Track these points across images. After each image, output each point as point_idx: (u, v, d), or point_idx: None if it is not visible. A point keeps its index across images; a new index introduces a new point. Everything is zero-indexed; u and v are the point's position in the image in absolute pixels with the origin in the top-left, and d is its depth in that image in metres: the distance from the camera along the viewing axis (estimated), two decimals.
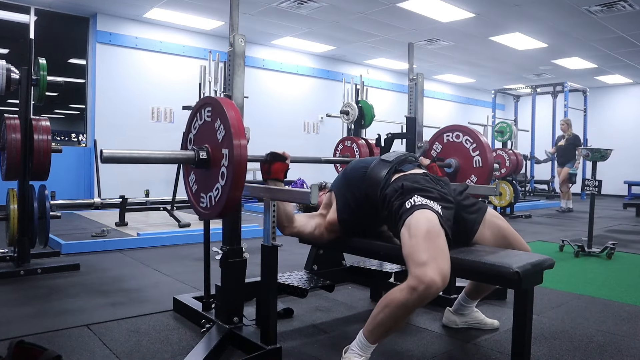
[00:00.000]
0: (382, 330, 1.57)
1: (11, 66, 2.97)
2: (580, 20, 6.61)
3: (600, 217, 6.85)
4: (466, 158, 2.66)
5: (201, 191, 1.78)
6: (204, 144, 1.74)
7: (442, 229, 1.62)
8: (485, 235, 1.87)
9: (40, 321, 2.20)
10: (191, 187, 1.87)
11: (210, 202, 1.71)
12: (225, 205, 1.61)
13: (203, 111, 1.79)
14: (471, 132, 2.68)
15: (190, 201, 1.86)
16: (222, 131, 1.63)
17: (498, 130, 7.50)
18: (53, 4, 6.49)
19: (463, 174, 2.66)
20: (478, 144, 2.63)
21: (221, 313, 2.02)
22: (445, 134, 2.77)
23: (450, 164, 2.68)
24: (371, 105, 5.29)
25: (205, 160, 1.71)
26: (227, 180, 1.59)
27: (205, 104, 1.78)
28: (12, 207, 3.00)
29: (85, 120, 7.18)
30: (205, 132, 1.76)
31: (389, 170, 1.87)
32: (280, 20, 7.05)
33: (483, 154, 2.61)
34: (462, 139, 2.68)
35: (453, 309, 2.21)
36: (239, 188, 1.60)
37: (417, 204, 1.67)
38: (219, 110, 1.67)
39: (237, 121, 1.62)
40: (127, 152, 1.61)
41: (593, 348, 1.98)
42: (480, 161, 2.61)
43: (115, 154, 1.55)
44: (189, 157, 1.72)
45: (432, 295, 1.47)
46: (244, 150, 1.59)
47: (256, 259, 1.89)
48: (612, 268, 3.55)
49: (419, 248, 1.54)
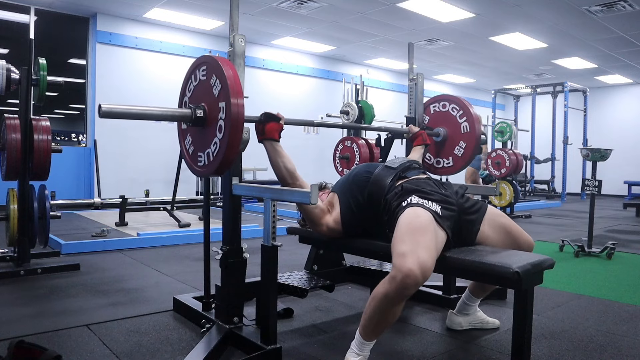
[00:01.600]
0: (372, 325, 1.58)
1: (11, 66, 2.97)
2: (580, 20, 6.61)
3: (600, 217, 6.85)
4: (454, 125, 2.67)
5: (198, 150, 1.78)
6: (200, 103, 1.74)
7: (436, 227, 1.63)
8: (488, 233, 1.87)
9: (40, 321, 2.19)
10: (187, 149, 1.87)
11: (208, 158, 1.71)
12: (224, 157, 1.61)
13: (198, 71, 1.78)
14: (457, 100, 2.69)
15: (188, 163, 1.86)
16: (218, 86, 1.63)
17: (498, 130, 7.50)
18: (53, 4, 6.49)
19: (452, 141, 2.68)
20: (464, 110, 2.64)
21: (221, 313, 2.02)
22: (432, 105, 2.78)
23: (438, 133, 2.70)
24: (371, 105, 5.29)
25: (202, 117, 1.70)
26: (225, 132, 1.59)
27: (200, 63, 1.77)
28: (12, 207, 3.00)
29: (85, 120, 7.18)
30: (200, 92, 1.76)
31: (393, 177, 1.89)
32: (280, 20, 7.05)
33: (470, 120, 2.62)
34: (449, 107, 2.70)
35: (457, 310, 2.19)
36: (237, 140, 1.59)
37: (412, 202, 1.70)
38: (215, 67, 1.66)
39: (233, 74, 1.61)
40: (125, 107, 1.61)
41: (593, 348, 1.98)
42: (468, 127, 2.62)
43: (113, 108, 1.55)
44: (185, 114, 1.72)
45: (410, 286, 1.47)
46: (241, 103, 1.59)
47: (256, 259, 1.89)
48: (612, 268, 3.55)
49: (402, 239, 1.56)
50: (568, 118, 9.87)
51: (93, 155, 6.47)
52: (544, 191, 10.84)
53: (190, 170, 1.86)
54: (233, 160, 1.66)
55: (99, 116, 1.55)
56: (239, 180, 1.98)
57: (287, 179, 1.92)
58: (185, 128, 1.90)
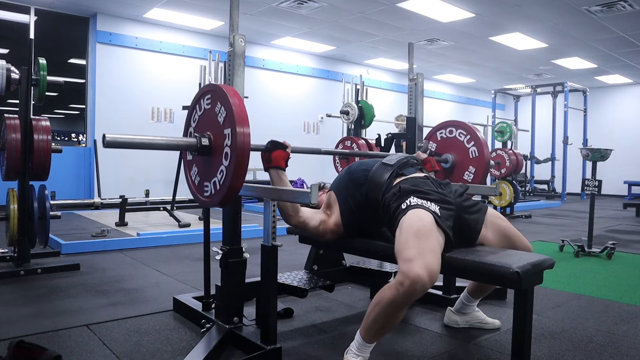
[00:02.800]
0: (375, 329, 1.57)
1: (11, 66, 2.97)
2: (580, 20, 6.61)
3: (600, 217, 6.85)
4: (462, 151, 2.67)
5: (204, 180, 1.76)
6: (205, 132, 1.73)
7: (438, 229, 1.62)
8: (487, 235, 1.87)
9: (40, 321, 2.19)
10: (194, 180, 1.85)
11: (214, 187, 1.68)
12: (231, 185, 1.59)
13: (202, 101, 1.77)
14: (463, 125, 2.69)
15: (194, 194, 1.83)
16: (223, 113, 1.62)
17: (498, 130, 7.50)
18: (53, 4, 6.49)
19: (461, 167, 2.67)
20: (472, 135, 2.64)
21: (221, 313, 2.02)
22: (438, 132, 2.78)
23: (447, 159, 2.69)
24: (371, 105, 5.29)
25: (207, 146, 1.68)
26: (232, 161, 1.56)
27: (205, 92, 1.76)
28: (12, 207, 3.00)
29: (85, 120, 7.18)
30: (205, 121, 1.75)
31: (390, 174, 1.87)
32: (280, 20, 7.05)
33: (478, 144, 2.62)
34: (456, 133, 2.70)
35: (455, 309, 2.21)
36: (244, 166, 1.57)
37: (412, 204, 1.68)
38: (220, 94, 1.65)
39: (238, 102, 1.60)
40: (130, 138, 1.59)
41: (593, 348, 1.98)
42: (476, 151, 2.62)
43: (118, 138, 1.53)
44: (190, 143, 1.70)
45: (418, 292, 1.47)
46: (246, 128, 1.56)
47: (256, 259, 1.89)
48: (612, 268, 3.55)
49: (408, 245, 1.55)
50: (568, 118, 9.87)
51: (93, 155, 6.46)
52: (544, 191, 10.83)
53: (197, 201, 1.82)
54: (239, 187, 1.62)
55: (102, 146, 1.51)
56: None
57: (290, 211, 1.87)
58: (191, 159, 1.86)
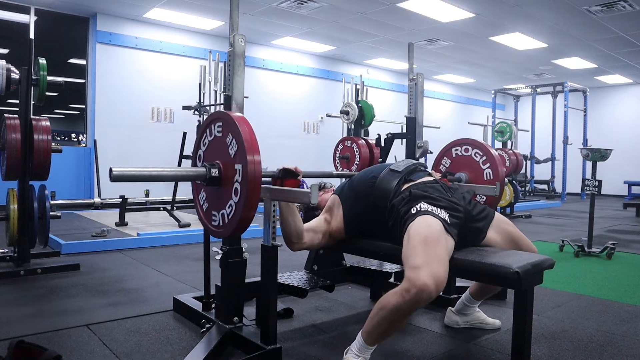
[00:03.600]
0: (378, 333, 1.57)
1: (11, 66, 2.97)
2: (580, 20, 6.61)
3: (600, 217, 6.85)
4: (476, 171, 2.61)
5: (212, 209, 1.73)
6: (215, 160, 1.70)
7: (446, 236, 1.62)
8: (493, 238, 1.87)
9: (40, 321, 2.19)
10: (201, 205, 1.82)
11: (223, 219, 1.66)
12: (240, 221, 1.57)
13: (213, 127, 1.73)
14: (480, 145, 2.63)
15: (201, 219, 1.81)
16: (235, 146, 1.59)
17: (498, 130, 7.50)
18: (53, 4, 6.49)
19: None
20: (488, 156, 2.57)
21: (221, 313, 2.02)
22: (454, 149, 2.71)
23: (460, 178, 2.63)
24: (371, 105, 5.30)
25: (217, 177, 1.66)
26: (241, 197, 1.54)
27: (215, 119, 1.73)
28: (12, 207, 3.00)
29: (85, 120, 7.18)
30: (215, 148, 1.72)
31: (399, 180, 1.86)
32: (280, 20, 7.05)
33: (494, 166, 2.55)
34: (472, 152, 2.63)
35: (455, 309, 2.20)
36: (253, 204, 1.55)
37: (422, 210, 1.67)
38: (231, 125, 1.62)
39: (250, 135, 1.57)
40: (137, 170, 1.57)
41: (593, 348, 1.98)
42: (492, 174, 2.55)
43: (125, 172, 1.50)
44: (200, 174, 1.67)
45: (424, 300, 1.46)
46: (258, 166, 1.53)
47: (256, 259, 1.88)
48: (612, 268, 3.55)
49: (415, 252, 1.54)
50: (568, 118, 9.87)
51: (93, 155, 6.46)
52: (544, 191, 10.83)
53: (205, 228, 1.80)
54: (250, 221, 1.60)
55: (110, 180, 1.49)
56: None
57: (293, 238, 1.86)
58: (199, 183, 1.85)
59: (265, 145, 2.93)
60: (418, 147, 2.79)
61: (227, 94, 1.99)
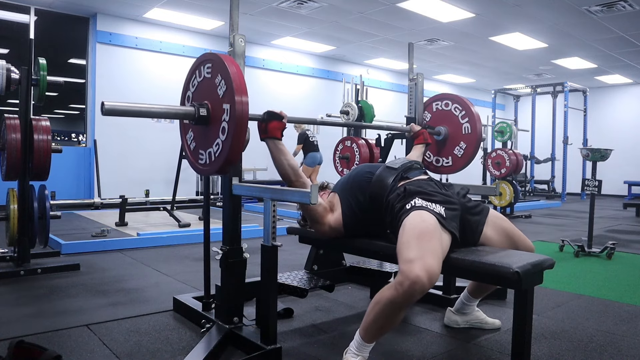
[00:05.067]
0: (375, 329, 1.57)
1: (11, 66, 2.97)
2: (580, 20, 6.61)
3: (600, 217, 6.85)
4: (455, 125, 2.68)
5: (200, 147, 1.78)
6: (203, 100, 1.73)
7: (442, 230, 1.63)
8: (490, 236, 1.87)
9: (40, 321, 2.19)
10: (189, 144, 1.87)
11: (209, 157, 1.71)
12: (226, 159, 1.62)
13: (202, 68, 1.77)
14: (460, 100, 2.70)
15: (189, 159, 1.86)
16: (223, 87, 1.63)
17: (498, 130, 7.50)
18: (53, 4, 6.49)
19: (452, 141, 2.69)
20: (467, 111, 2.65)
21: (221, 313, 2.02)
22: (435, 103, 2.79)
23: (439, 132, 2.71)
24: (371, 105, 5.28)
25: (205, 117, 1.70)
26: (228, 135, 1.59)
27: (205, 60, 1.76)
28: (12, 207, 3.00)
29: (85, 120, 7.18)
30: (204, 89, 1.75)
31: (395, 177, 1.89)
32: (280, 20, 7.05)
33: (472, 121, 2.63)
34: (451, 107, 2.71)
35: (455, 309, 2.21)
36: (240, 143, 1.60)
37: (416, 205, 1.69)
38: (220, 66, 1.65)
39: (239, 77, 1.61)
40: (128, 105, 1.62)
41: (593, 348, 1.98)
42: (470, 128, 2.63)
43: (116, 106, 1.56)
44: (188, 112, 1.71)
45: (417, 292, 1.47)
46: (245, 106, 1.59)
47: (256, 259, 1.88)
48: (612, 268, 3.55)
49: (409, 245, 1.55)
50: (568, 118, 9.87)
51: (93, 155, 6.47)
52: (544, 191, 10.83)
53: (192, 166, 1.87)
54: (236, 161, 1.67)
55: (101, 113, 1.55)
56: (239, 180, 1.98)
57: (291, 176, 1.93)
58: (187, 123, 1.89)
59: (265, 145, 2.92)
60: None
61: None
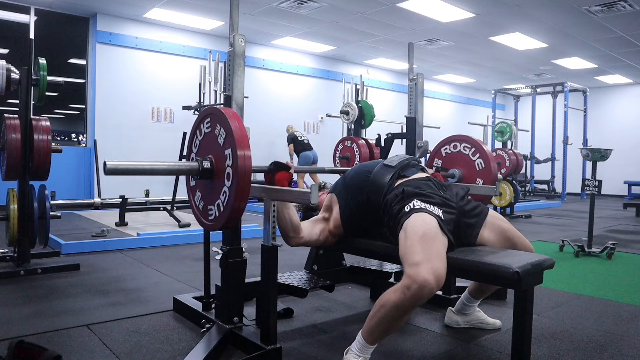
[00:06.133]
0: (379, 331, 1.57)
1: (11, 66, 2.97)
2: (580, 20, 6.61)
3: (600, 217, 6.85)
4: (468, 165, 2.66)
5: (208, 204, 1.74)
6: (207, 155, 1.72)
7: (442, 233, 1.62)
8: (488, 237, 1.86)
9: (40, 321, 2.19)
10: (198, 205, 1.83)
11: (218, 209, 1.67)
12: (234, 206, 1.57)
13: (202, 125, 1.77)
14: (467, 139, 2.69)
15: (198, 219, 1.82)
16: (223, 134, 1.62)
17: (498, 130, 7.50)
18: (53, 4, 6.49)
19: (468, 181, 2.67)
20: (476, 147, 2.64)
21: (221, 313, 2.02)
22: (443, 148, 2.77)
23: (453, 174, 2.69)
24: (371, 105, 5.29)
25: (209, 169, 1.68)
26: (234, 180, 1.56)
27: (204, 116, 1.76)
28: (12, 207, 3.00)
29: (85, 120, 7.18)
30: (206, 145, 1.74)
31: (392, 175, 1.87)
32: (280, 20, 7.05)
33: (484, 156, 2.61)
34: (460, 147, 2.69)
35: (455, 309, 2.21)
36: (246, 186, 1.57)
37: (416, 207, 1.67)
38: (218, 116, 1.66)
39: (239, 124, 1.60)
40: (131, 164, 1.58)
41: (593, 348, 1.98)
42: (483, 163, 2.61)
43: (119, 165, 1.52)
44: (192, 167, 1.69)
45: (425, 296, 1.47)
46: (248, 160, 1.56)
47: (256, 259, 1.89)
48: (612, 268, 3.55)
49: (414, 249, 1.54)
50: (568, 118, 9.87)
51: (93, 155, 6.46)
52: (544, 191, 10.83)
53: (202, 226, 1.82)
54: (243, 209, 1.61)
55: (104, 174, 1.51)
56: None
57: (290, 232, 1.86)
58: (194, 185, 1.86)
59: (265, 144, 2.93)
60: (418, 147, 2.79)
61: (227, 94, 1.99)
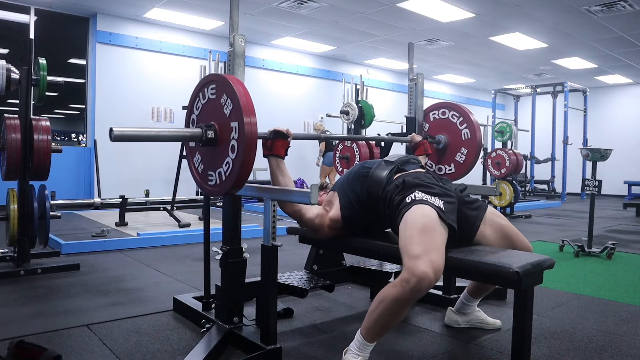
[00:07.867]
0: (378, 327, 1.57)
1: (11, 66, 2.97)
2: (580, 20, 6.61)
3: (600, 217, 6.85)
4: (454, 133, 2.70)
5: (209, 169, 1.76)
6: (210, 122, 1.72)
7: (442, 224, 1.63)
8: (487, 233, 1.87)
9: (40, 321, 2.20)
10: (197, 167, 1.85)
11: (220, 178, 1.69)
12: (238, 178, 1.60)
13: (206, 90, 1.76)
14: (457, 107, 2.72)
15: (197, 181, 1.84)
16: (230, 105, 1.61)
17: (498, 130, 7.49)
18: (53, 4, 6.49)
19: (453, 149, 2.70)
20: (464, 117, 2.66)
21: (221, 313, 2.02)
22: (431, 112, 2.79)
23: (439, 140, 2.72)
24: (371, 105, 5.28)
25: (213, 138, 1.68)
26: (239, 153, 1.57)
27: (209, 81, 1.75)
28: (12, 207, 3.00)
29: (85, 120, 7.18)
30: (209, 110, 1.74)
31: (391, 169, 1.90)
32: (280, 20, 7.05)
33: (470, 126, 2.64)
34: (449, 114, 2.72)
35: (455, 309, 2.21)
36: (251, 158, 1.58)
37: (417, 199, 1.68)
38: (225, 85, 1.65)
39: (246, 95, 1.60)
40: (137, 130, 1.61)
41: (593, 348, 1.98)
42: (469, 133, 2.64)
43: (125, 132, 1.55)
44: (196, 134, 1.69)
45: (424, 289, 1.47)
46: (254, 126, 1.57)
47: (256, 259, 1.89)
48: (612, 268, 3.55)
49: (413, 241, 1.55)
50: (568, 118, 9.87)
51: (93, 155, 6.47)
52: (544, 191, 10.83)
53: (201, 188, 1.83)
54: (246, 179, 1.64)
55: (110, 140, 1.54)
56: None
57: None
58: (193, 146, 1.87)
59: None
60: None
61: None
